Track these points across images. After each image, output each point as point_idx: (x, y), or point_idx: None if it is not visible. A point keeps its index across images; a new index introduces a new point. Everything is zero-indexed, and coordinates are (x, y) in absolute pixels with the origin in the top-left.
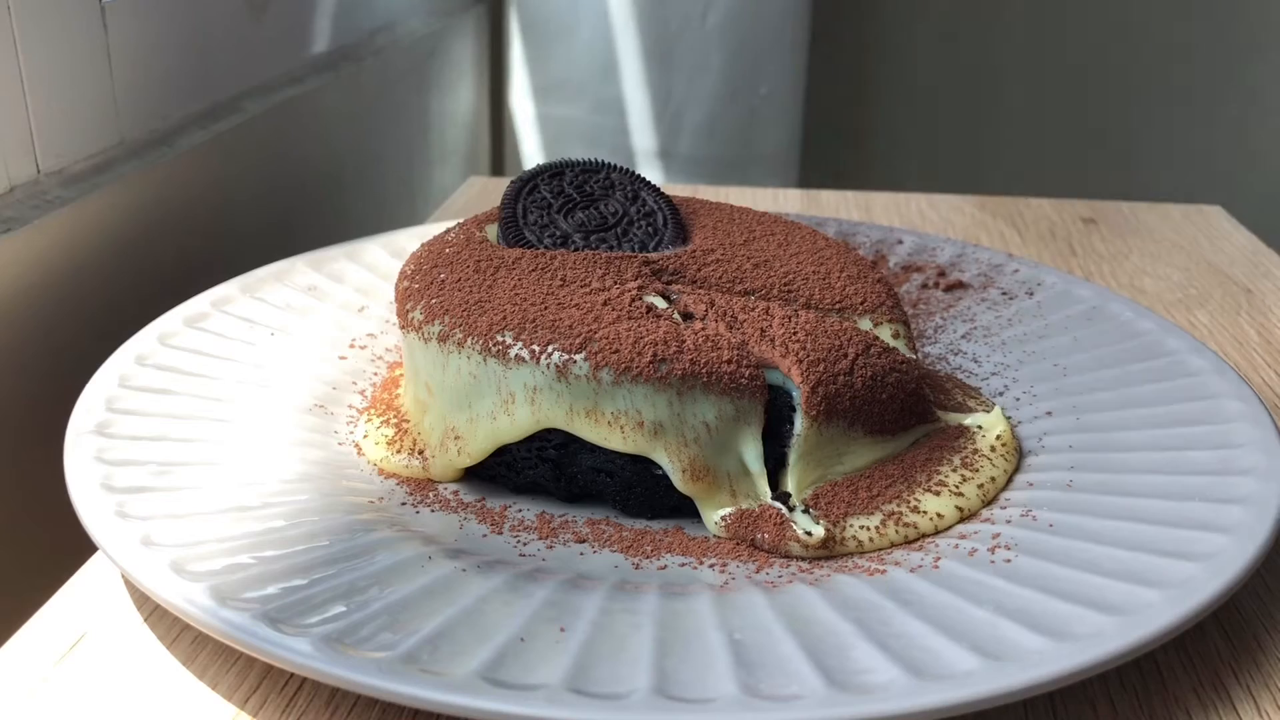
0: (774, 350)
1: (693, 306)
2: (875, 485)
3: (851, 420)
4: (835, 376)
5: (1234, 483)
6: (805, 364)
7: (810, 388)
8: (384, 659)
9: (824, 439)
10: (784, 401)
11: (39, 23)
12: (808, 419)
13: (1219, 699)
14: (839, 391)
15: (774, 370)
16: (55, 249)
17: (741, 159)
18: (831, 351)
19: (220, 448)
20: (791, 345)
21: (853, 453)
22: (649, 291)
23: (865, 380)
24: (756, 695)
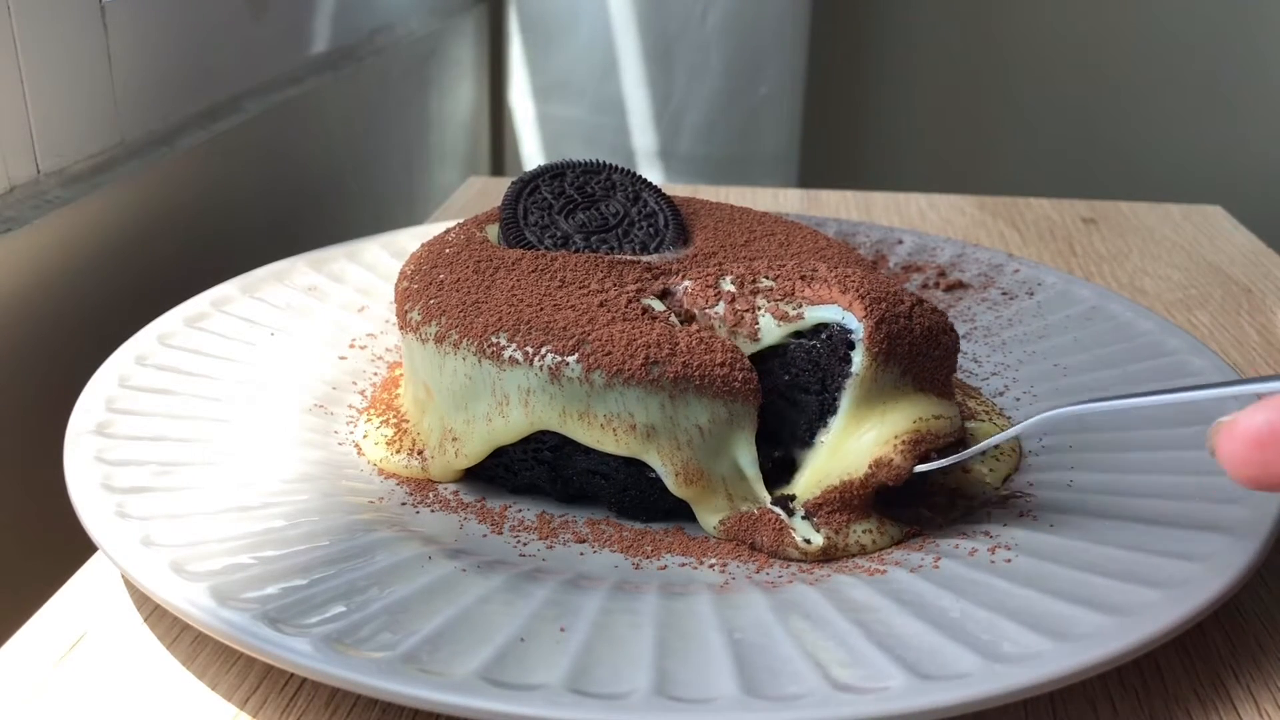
0: (829, 288)
1: (700, 294)
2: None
3: (905, 368)
4: (897, 317)
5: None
6: (868, 300)
7: (874, 323)
8: (384, 659)
9: (878, 385)
10: (840, 339)
11: (39, 23)
12: (869, 356)
13: (1219, 699)
14: (900, 333)
15: (829, 307)
16: (55, 249)
17: (741, 159)
18: (890, 294)
19: (220, 448)
20: (849, 283)
21: (898, 409)
22: (647, 294)
23: (923, 329)
24: (756, 695)
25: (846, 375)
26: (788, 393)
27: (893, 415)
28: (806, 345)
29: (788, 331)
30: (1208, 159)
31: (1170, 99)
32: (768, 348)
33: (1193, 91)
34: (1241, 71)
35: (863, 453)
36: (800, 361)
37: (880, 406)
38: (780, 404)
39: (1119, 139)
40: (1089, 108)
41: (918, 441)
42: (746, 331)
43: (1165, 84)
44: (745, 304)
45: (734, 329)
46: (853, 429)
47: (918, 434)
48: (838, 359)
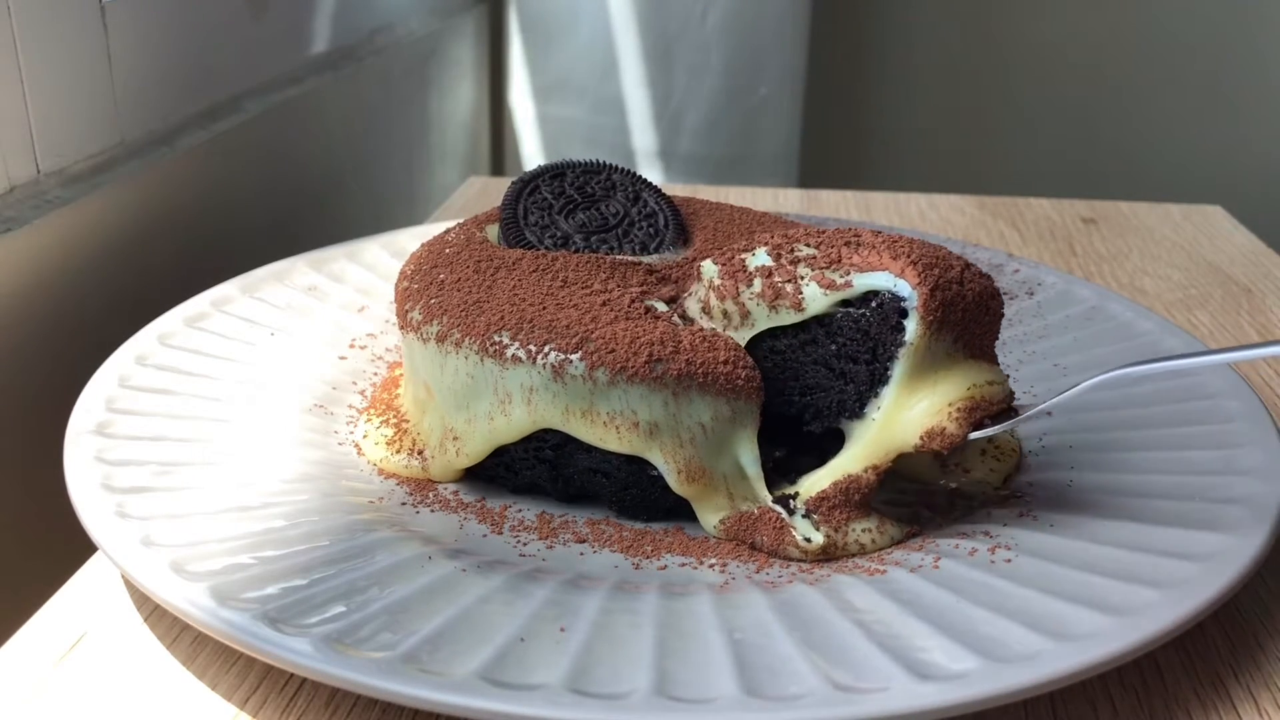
0: (878, 254)
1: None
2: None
3: (957, 336)
4: (949, 284)
5: (1234, 483)
6: (920, 266)
7: (928, 290)
8: (384, 659)
9: (931, 353)
10: (892, 307)
11: (39, 23)
12: (923, 325)
13: (1219, 699)
14: (953, 300)
15: (879, 274)
16: (55, 249)
17: (741, 159)
18: (941, 259)
19: (220, 448)
20: (899, 249)
21: (950, 376)
22: (652, 296)
23: (974, 294)
24: (756, 695)
25: (899, 344)
26: (834, 363)
27: (945, 383)
28: (855, 314)
29: (834, 300)
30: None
31: (1170, 99)
32: (811, 317)
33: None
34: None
35: (915, 422)
36: (848, 331)
37: (932, 375)
38: (824, 374)
39: (1119, 139)
40: (1089, 108)
41: (973, 409)
42: (789, 303)
43: (1165, 84)
44: (785, 274)
45: (774, 304)
46: (905, 398)
47: (972, 401)
48: (889, 328)
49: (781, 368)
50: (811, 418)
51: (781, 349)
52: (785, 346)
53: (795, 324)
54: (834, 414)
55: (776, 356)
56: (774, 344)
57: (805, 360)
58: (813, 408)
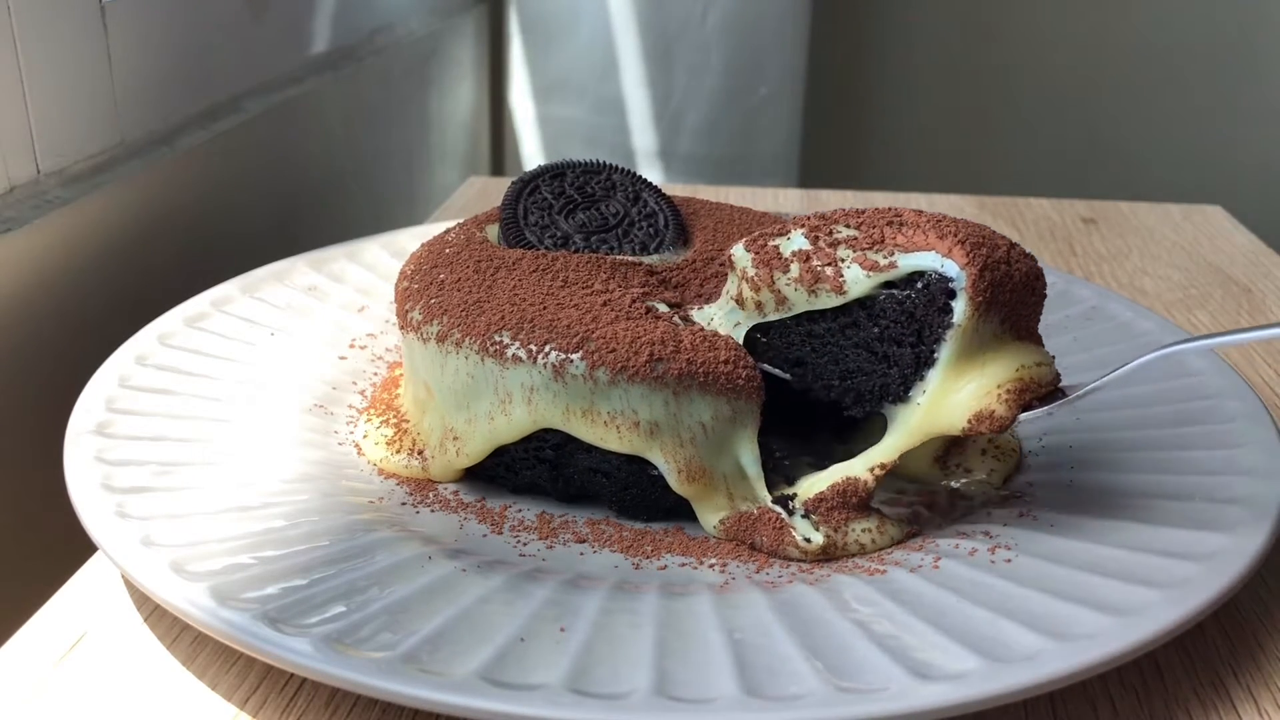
0: (924, 234)
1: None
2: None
3: (1004, 317)
4: (998, 264)
5: (1234, 483)
6: (968, 245)
7: (978, 270)
8: (384, 659)
9: (979, 335)
10: (938, 288)
11: (39, 23)
12: (972, 305)
13: (1219, 699)
14: (1001, 280)
15: (924, 254)
16: (55, 249)
17: (741, 159)
18: (987, 238)
19: (220, 448)
20: (945, 228)
21: (998, 358)
22: (654, 298)
23: (1021, 274)
24: (756, 695)
25: (947, 325)
26: (876, 346)
27: (993, 365)
28: (899, 296)
29: (877, 282)
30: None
31: (1170, 99)
32: (853, 300)
33: (1193, 91)
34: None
35: (963, 405)
36: (892, 313)
37: (980, 357)
38: (866, 358)
39: (1119, 139)
40: (1089, 108)
41: (1022, 390)
42: (830, 286)
43: (1165, 84)
44: (825, 258)
45: (813, 288)
46: (952, 381)
47: (1021, 382)
48: (936, 309)
49: (820, 352)
50: (852, 402)
51: (820, 333)
52: (824, 330)
53: (835, 307)
54: (876, 398)
55: (815, 341)
56: (812, 328)
57: (845, 344)
58: (853, 392)
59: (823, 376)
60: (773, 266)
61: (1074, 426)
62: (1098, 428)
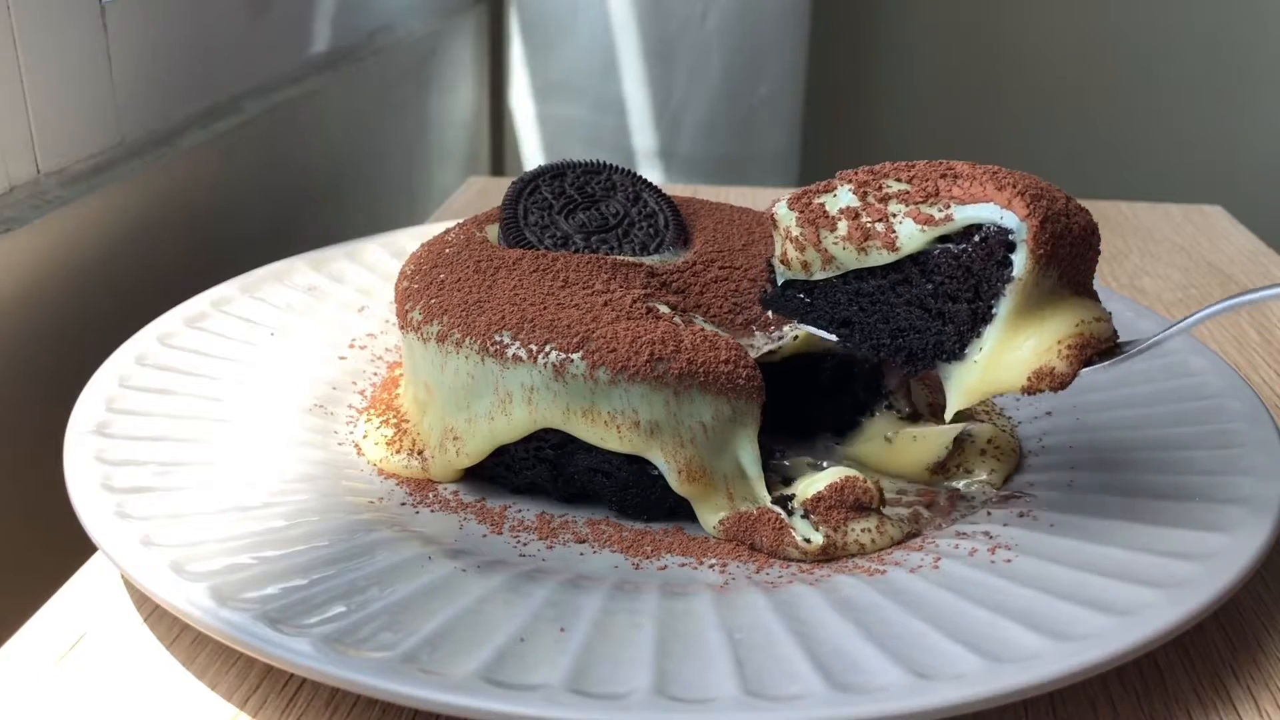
0: (981, 186)
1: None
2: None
3: (1063, 271)
4: (1058, 215)
5: (1234, 483)
6: (1028, 196)
7: (1039, 221)
8: (384, 659)
9: (1039, 289)
10: (997, 241)
11: (39, 23)
12: (1033, 258)
13: (1219, 699)
14: (1062, 232)
15: (983, 206)
16: (55, 249)
17: (741, 159)
18: (1046, 190)
19: (220, 448)
20: (1002, 180)
21: (1057, 313)
22: (655, 299)
23: (1080, 227)
24: (756, 695)
25: (1006, 280)
26: (930, 303)
27: (1053, 320)
28: (955, 250)
29: (932, 236)
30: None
31: (1170, 99)
32: (905, 256)
33: (1193, 91)
34: (1241, 71)
35: (1024, 362)
36: (947, 268)
37: (1039, 312)
38: (919, 315)
39: (1119, 139)
40: (1089, 107)
41: (1083, 346)
42: (881, 243)
43: (1165, 84)
44: (875, 214)
45: (863, 246)
46: (1011, 338)
47: (1082, 338)
48: (995, 263)
49: (868, 311)
50: (904, 362)
51: (869, 291)
52: (873, 289)
53: (886, 264)
54: (929, 357)
55: (863, 300)
56: (860, 286)
57: (897, 301)
58: (905, 351)
59: (872, 336)
60: (819, 225)
61: (1074, 426)
62: (1098, 428)
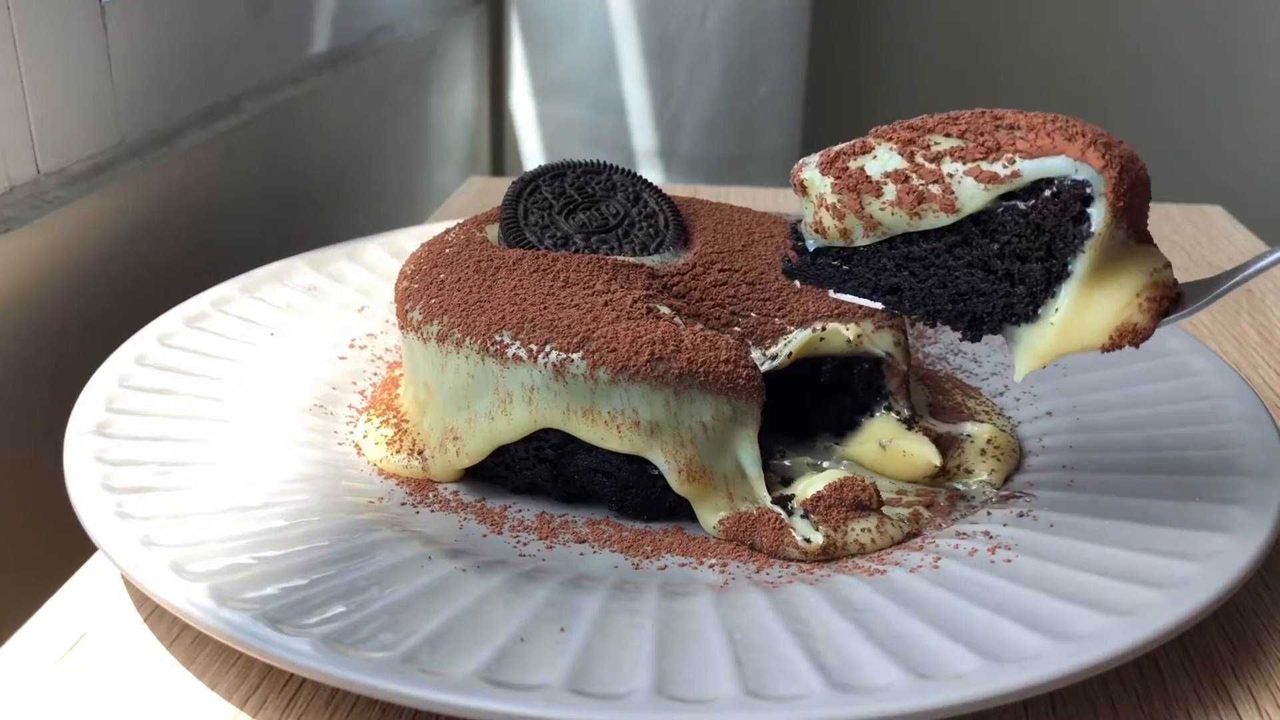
0: (1049, 138)
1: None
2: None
3: (1131, 221)
4: (1130, 164)
5: (1234, 483)
6: (1102, 147)
7: (1118, 172)
8: (384, 659)
9: (1112, 244)
10: (1072, 195)
11: (39, 23)
12: (1112, 211)
13: (1219, 699)
14: (1135, 181)
15: (1055, 159)
16: (55, 249)
17: (741, 159)
18: (1110, 138)
19: (220, 448)
20: (1070, 130)
21: (1130, 265)
22: (656, 300)
23: (1143, 172)
24: (756, 695)
25: (1085, 236)
26: (996, 264)
27: (1129, 273)
28: (1023, 207)
29: (995, 194)
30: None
31: (1170, 99)
32: (964, 217)
33: (1193, 91)
34: (1241, 71)
35: (1104, 321)
36: (1014, 226)
37: (1115, 265)
38: (982, 278)
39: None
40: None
41: (1160, 297)
42: (938, 205)
43: (1165, 84)
44: (928, 175)
45: (916, 210)
46: (1089, 295)
47: (1158, 288)
48: (1070, 218)
49: (921, 276)
50: (968, 327)
51: (920, 255)
52: (924, 252)
53: (944, 227)
54: (997, 320)
55: (913, 264)
56: (909, 250)
57: (955, 265)
58: (969, 315)
59: (927, 302)
60: (861, 190)
61: (1074, 426)
62: (1098, 428)
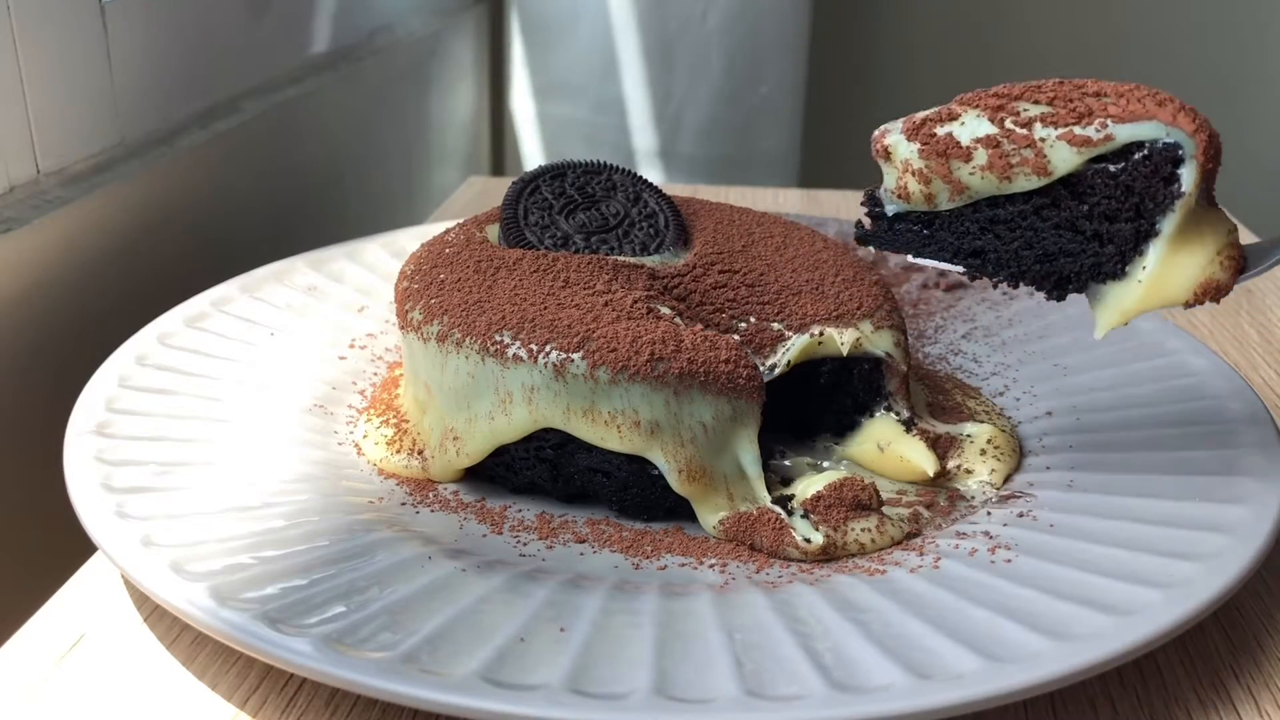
0: (1140, 104)
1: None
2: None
3: (1208, 184)
4: (1212, 129)
5: (1234, 483)
6: (1188, 111)
7: (1207, 135)
8: (384, 659)
9: (1194, 204)
10: (1163, 157)
11: (39, 23)
12: (1200, 173)
13: (1219, 699)
14: (1218, 146)
15: (1146, 124)
16: (55, 249)
17: (741, 159)
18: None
19: (220, 448)
20: (1160, 96)
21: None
22: (657, 301)
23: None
24: (756, 695)
25: (1175, 195)
26: (1084, 224)
27: (1210, 232)
28: (1113, 169)
29: (1087, 158)
30: None
31: None
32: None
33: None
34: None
35: (1190, 277)
36: (1103, 188)
37: (1197, 225)
38: (1069, 238)
39: None
40: None
41: (1237, 255)
42: (1031, 168)
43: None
44: (1020, 139)
45: (1006, 174)
46: (1175, 253)
47: (1235, 247)
48: (1160, 179)
49: (1006, 238)
50: (1054, 286)
51: (1005, 218)
52: (1010, 215)
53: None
54: (1084, 278)
55: (999, 227)
56: (993, 213)
57: (1042, 225)
58: (1055, 275)
59: (1011, 263)
60: (950, 155)
61: (1074, 426)
62: (1098, 428)
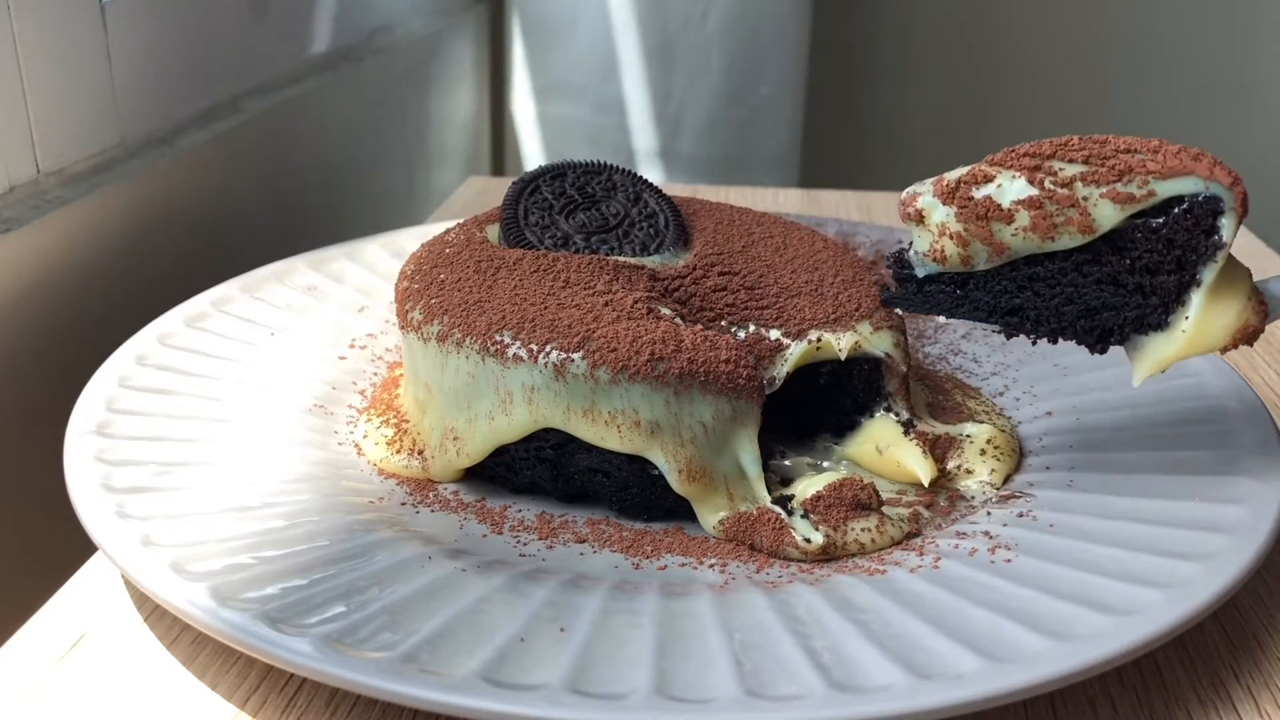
0: (1179, 160)
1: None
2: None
3: None
4: (1240, 177)
5: (1234, 483)
6: (1222, 165)
7: (1243, 188)
8: (384, 659)
9: (1229, 254)
10: (1204, 210)
11: (39, 23)
12: (1238, 223)
13: (1219, 699)
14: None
15: (1186, 179)
16: (55, 249)
17: (741, 159)
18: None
19: (220, 448)
20: (1191, 151)
21: (1238, 273)
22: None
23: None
24: (756, 695)
25: (1217, 246)
26: (1126, 278)
27: (1239, 279)
28: (1154, 224)
29: (1130, 213)
30: None
31: (1170, 99)
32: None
33: (1193, 91)
34: (1241, 72)
35: (1227, 325)
36: (1144, 242)
37: (1229, 273)
38: (1112, 292)
39: None
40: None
41: (1263, 299)
42: (1076, 228)
43: (1165, 84)
44: (1063, 199)
45: (1049, 234)
46: (1214, 302)
47: (1260, 291)
48: (1201, 231)
49: (1044, 295)
50: (1096, 340)
51: (1045, 275)
52: (1049, 273)
53: (1068, 248)
54: (1127, 329)
55: (1037, 284)
56: (1033, 271)
57: (1084, 281)
58: (1098, 330)
59: (1051, 319)
60: (991, 218)
61: (1074, 426)
62: (1098, 428)
